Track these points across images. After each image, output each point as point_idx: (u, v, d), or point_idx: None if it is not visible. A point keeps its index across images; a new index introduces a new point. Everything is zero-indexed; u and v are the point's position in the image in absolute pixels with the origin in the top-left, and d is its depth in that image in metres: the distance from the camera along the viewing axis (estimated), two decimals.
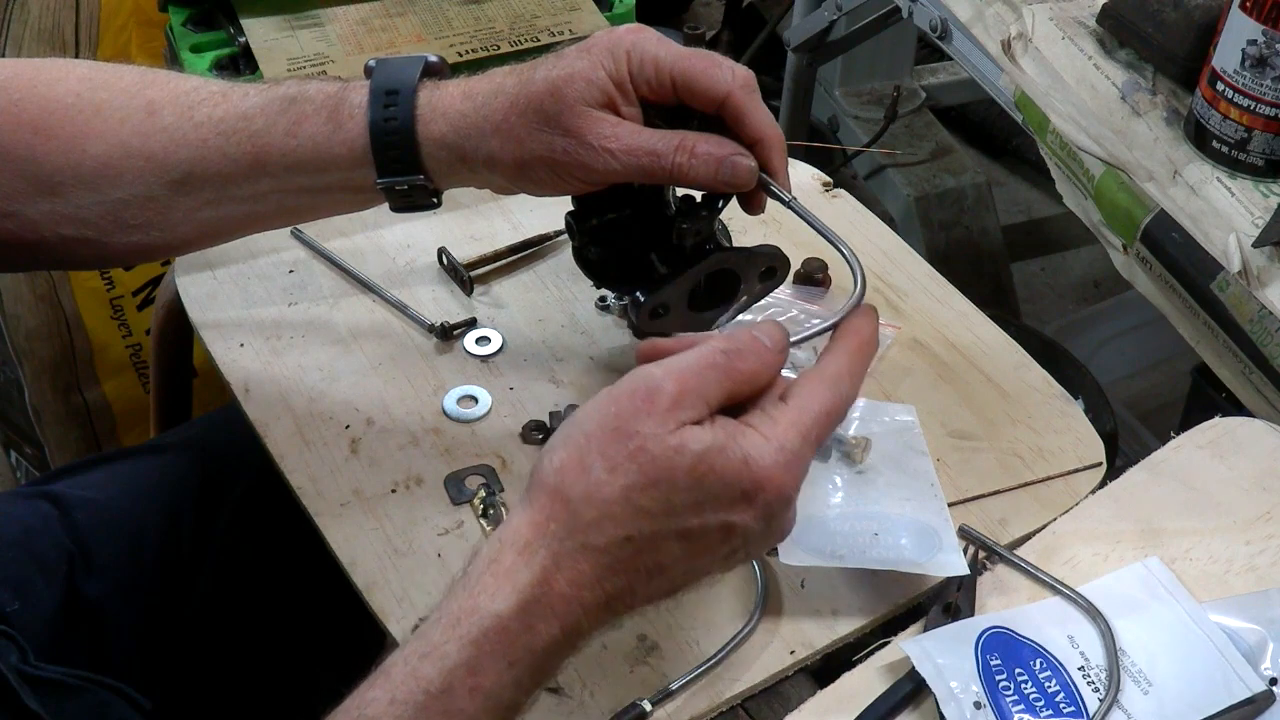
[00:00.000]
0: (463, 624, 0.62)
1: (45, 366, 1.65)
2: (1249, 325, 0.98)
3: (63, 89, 0.82)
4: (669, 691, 0.77)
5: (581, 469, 0.62)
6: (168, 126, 0.80)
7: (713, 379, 0.64)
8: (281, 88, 0.80)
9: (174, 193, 0.81)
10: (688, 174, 0.76)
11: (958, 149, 2.20)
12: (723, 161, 0.77)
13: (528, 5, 1.29)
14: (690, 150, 0.76)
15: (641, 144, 0.76)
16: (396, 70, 0.79)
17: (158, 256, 0.92)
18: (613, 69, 0.76)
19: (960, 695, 0.71)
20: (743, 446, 0.63)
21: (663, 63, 0.76)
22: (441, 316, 1.00)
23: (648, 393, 0.63)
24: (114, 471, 1.03)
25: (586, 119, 0.75)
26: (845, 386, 0.68)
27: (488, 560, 0.63)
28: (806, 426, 0.65)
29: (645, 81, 0.76)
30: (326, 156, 0.79)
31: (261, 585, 0.99)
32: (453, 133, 0.77)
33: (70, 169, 0.81)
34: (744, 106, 0.77)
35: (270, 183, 0.81)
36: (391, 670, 0.62)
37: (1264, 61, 0.97)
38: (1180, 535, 0.82)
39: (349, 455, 0.90)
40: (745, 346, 0.65)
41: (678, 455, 0.62)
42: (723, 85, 0.76)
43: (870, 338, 0.71)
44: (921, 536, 0.82)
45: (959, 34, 1.28)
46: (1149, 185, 1.05)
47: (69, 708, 0.83)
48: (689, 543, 0.64)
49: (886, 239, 1.10)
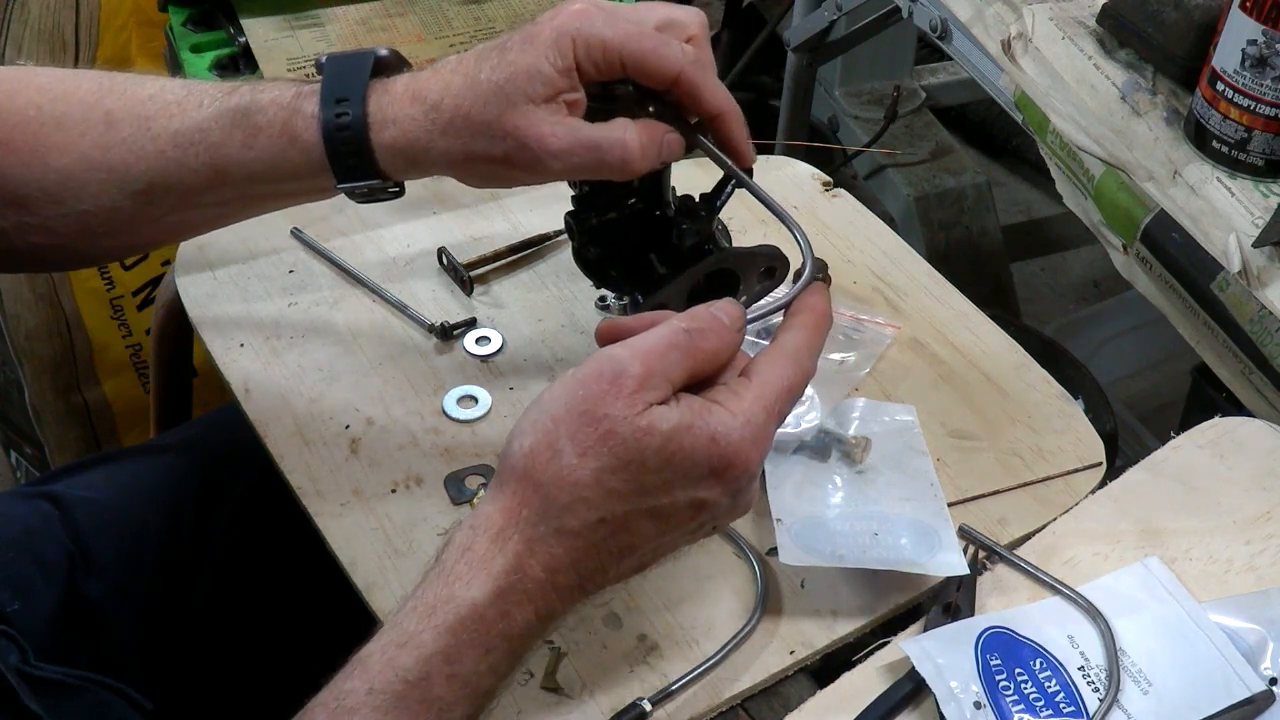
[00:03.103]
0: (438, 612, 0.62)
1: (45, 366, 1.65)
2: (1249, 325, 0.98)
3: (23, 100, 0.81)
4: (669, 691, 0.77)
5: (552, 453, 0.63)
6: (126, 139, 0.80)
7: (676, 359, 0.65)
8: (235, 97, 0.79)
9: (138, 203, 0.81)
10: (629, 167, 0.76)
11: (958, 149, 2.19)
12: (660, 145, 0.77)
13: (528, 5, 1.29)
14: (624, 144, 0.76)
15: (581, 140, 0.75)
16: (346, 73, 0.78)
17: (129, 256, 0.93)
18: (557, 61, 0.75)
19: (960, 695, 0.71)
20: (709, 424, 0.64)
21: (611, 46, 0.75)
22: (441, 316, 1.00)
23: (614, 375, 0.63)
24: (114, 471, 1.03)
25: (528, 118, 0.75)
26: (805, 360, 0.69)
27: (461, 548, 0.64)
28: (770, 401, 0.66)
29: (594, 65, 0.76)
30: (285, 168, 0.79)
31: (261, 585, 0.99)
32: (402, 138, 0.77)
33: (34, 182, 0.80)
34: (697, 83, 0.76)
35: (233, 190, 0.81)
36: (368, 660, 0.63)
37: (1264, 61, 0.97)
38: (1180, 535, 0.82)
39: (349, 455, 0.90)
40: (706, 325, 0.66)
41: (647, 436, 0.63)
42: (673, 65, 0.76)
43: (825, 313, 0.72)
44: (921, 536, 0.82)
45: (959, 34, 1.28)
46: (1149, 185, 1.05)
47: (69, 708, 0.83)
48: (660, 520, 0.65)
49: (886, 239, 1.10)
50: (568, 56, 0.75)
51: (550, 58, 0.75)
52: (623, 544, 0.65)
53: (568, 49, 0.75)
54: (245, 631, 0.98)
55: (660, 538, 0.66)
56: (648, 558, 0.67)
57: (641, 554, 0.67)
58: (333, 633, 0.90)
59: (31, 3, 1.47)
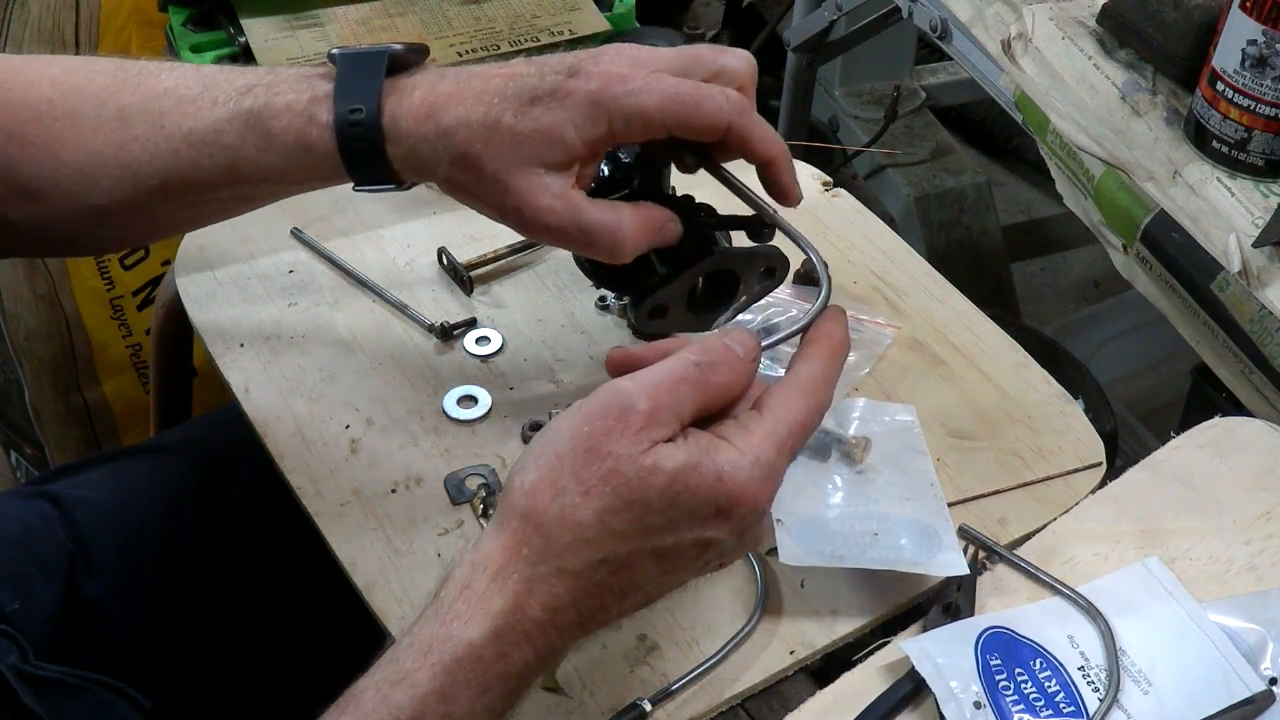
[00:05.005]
0: (434, 651, 0.61)
1: (45, 366, 1.65)
2: (1249, 325, 0.98)
3: (36, 94, 0.80)
4: (669, 691, 0.77)
5: (554, 491, 0.62)
6: (139, 136, 0.79)
7: (686, 394, 0.63)
8: (248, 98, 0.78)
9: (152, 199, 0.80)
10: (616, 255, 0.75)
11: (958, 149, 2.20)
12: (656, 233, 0.77)
13: (528, 5, 1.29)
14: (615, 234, 0.75)
15: (576, 222, 0.74)
16: (359, 78, 0.76)
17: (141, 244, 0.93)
18: (585, 129, 0.73)
19: (960, 695, 0.71)
20: (716, 462, 0.62)
21: (651, 117, 0.73)
22: (441, 316, 1.00)
23: (621, 411, 0.62)
24: (114, 471, 1.04)
25: (531, 183, 0.73)
26: (821, 393, 0.67)
27: (460, 586, 0.62)
28: (781, 437, 0.64)
29: (632, 132, 0.74)
30: (301, 171, 0.78)
31: (261, 585, 0.99)
32: (411, 154, 0.76)
33: (47, 176, 0.80)
34: (746, 134, 0.75)
35: (248, 188, 0.80)
36: (362, 697, 0.61)
37: (1264, 61, 0.97)
38: (1180, 535, 0.82)
39: (349, 455, 0.90)
40: (719, 358, 0.65)
41: (651, 476, 0.61)
42: (721, 121, 0.74)
43: (842, 341, 0.70)
44: (921, 536, 0.82)
45: (959, 34, 1.28)
46: (1149, 185, 1.05)
47: (69, 707, 0.83)
48: (664, 560, 0.64)
49: (886, 239, 1.10)
50: (600, 125, 0.73)
51: (578, 124, 0.72)
52: (625, 583, 0.63)
53: (602, 119, 0.72)
54: (245, 631, 0.98)
55: (664, 576, 0.65)
56: (653, 594, 0.66)
57: (647, 591, 0.65)
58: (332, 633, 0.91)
59: (31, 3, 1.47)
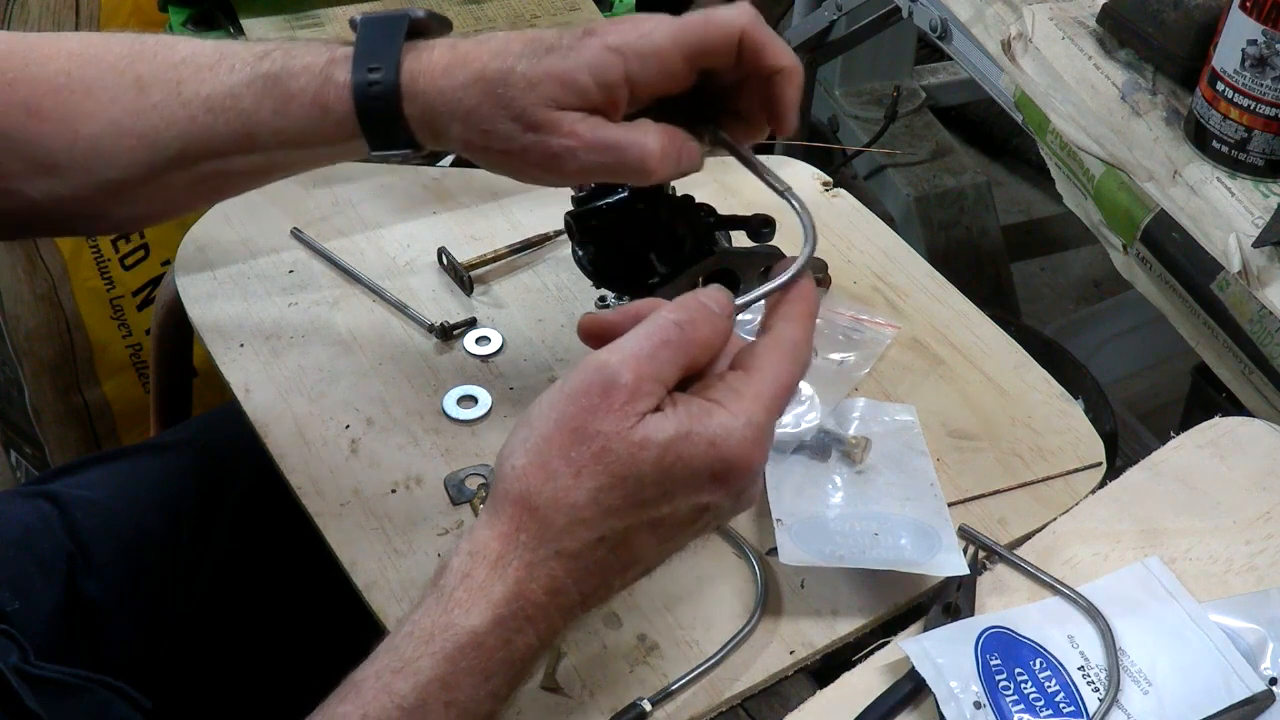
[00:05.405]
0: (436, 639, 0.61)
1: (45, 366, 1.65)
2: (1249, 325, 0.98)
3: (53, 68, 0.80)
4: (669, 691, 0.77)
5: (545, 474, 0.61)
6: (157, 104, 0.79)
7: (668, 357, 0.62)
8: (266, 61, 0.78)
9: (169, 169, 0.80)
10: (647, 170, 0.74)
11: (958, 149, 2.20)
12: (680, 153, 0.75)
13: (528, 5, 1.29)
14: (645, 146, 0.73)
15: (602, 139, 0.73)
16: (380, 37, 0.76)
17: (157, 223, 0.92)
18: (601, 74, 0.72)
19: (960, 695, 0.71)
20: (708, 428, 0.62)
21: (665, 50, 0.72)
22: (441, 316, 1.00)
23: (604, 387, 0.61)
24: (114, 471, 1.03)
25: (550, 116, 0.72)
26: (803, 354, 0.67)
27: (459, 575, 0.62)
28: (770, 399, 0.64)
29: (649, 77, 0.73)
30: (317, 137, 0.78)
31: (261, 585, 0.99)
32: (428, 111, 0.75)
33: (64, 150, 0.80)
34: (760, 40, 0.74)
35: (264, 156, 0.80)
36: (362, 685, 0.61)
37: (1264, 61, 0.97)
38: (1180, 535, 0.82)
39: (349, 455, 0.90)
40: (697, 314, 0.64)
41: (642, 450, 0.61)
42: (734, 25, 0.72)
43: (816, 301, 0.70)
44: (921, 536, 0.82)
45: (959, 34, 1.28)
46: (1149, 185, 1.05)
47: (69, 707, 0.83)
48: (661, 529, 0.64)
49: (886, 239, 1.10)
50: (615, 69, 0.72)
51: (594, 68, 0.72)
52: (624, 558, 0.63)
53: (617, 63, 0.72)
54: (245, 631, 0.98)
55: (663, 545, 0.65)
56: (652, 564, 0.66)
57: (646, 562, 0.65)
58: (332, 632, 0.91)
59: (31, 3, 1.47)
